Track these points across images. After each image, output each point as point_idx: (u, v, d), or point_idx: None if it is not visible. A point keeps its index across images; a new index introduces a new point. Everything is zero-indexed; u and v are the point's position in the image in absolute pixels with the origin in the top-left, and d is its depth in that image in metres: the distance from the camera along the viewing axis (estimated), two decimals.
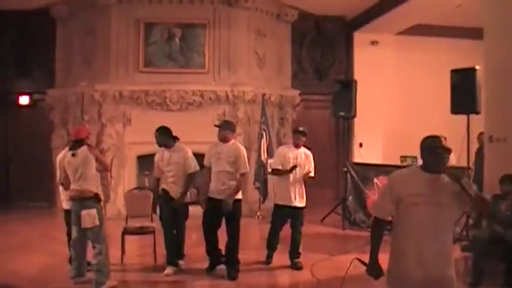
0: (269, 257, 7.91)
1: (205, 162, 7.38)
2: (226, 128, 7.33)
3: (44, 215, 11.56)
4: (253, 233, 10.42)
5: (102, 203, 6.90)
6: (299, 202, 7.82)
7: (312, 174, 7.93)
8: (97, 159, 6.76)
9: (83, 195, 6.58)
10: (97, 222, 6.56)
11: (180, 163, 7.49)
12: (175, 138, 7.68)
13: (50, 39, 13.29)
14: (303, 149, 7.95)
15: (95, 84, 11.99)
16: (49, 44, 13.27)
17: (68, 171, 6.72)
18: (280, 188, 7.92)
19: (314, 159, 8.00)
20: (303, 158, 7.87)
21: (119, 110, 12.14)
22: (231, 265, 7.23)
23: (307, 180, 7.93)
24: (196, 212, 7.55)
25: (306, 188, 7.97)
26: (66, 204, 7.30)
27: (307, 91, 14.00)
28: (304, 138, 7.93)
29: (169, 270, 7.36)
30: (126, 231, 7.95)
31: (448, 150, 3.87)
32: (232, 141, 7.34)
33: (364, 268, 4.08)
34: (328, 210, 11.45)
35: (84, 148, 6.71)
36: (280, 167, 7.82)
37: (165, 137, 7.60)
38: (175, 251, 7.50)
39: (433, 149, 3.87)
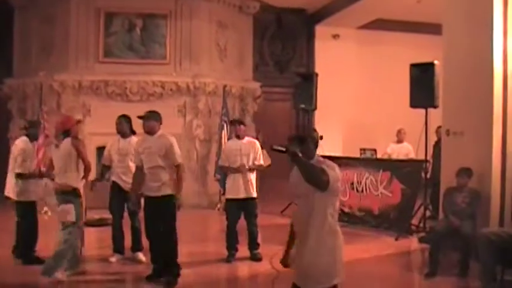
0: (231, 255, 7.65)
1: (136, 162, 6.78)
2: (151, 119, 6.67)
3: None
4: (213, 225, 10.35)
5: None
6: (248, 193, 7.63)
7: (261, 162, 7.76)
8: (79, 155, 6.47)
9: (62, 189, 6.43)
10: (73, 218, 6.38)
11: (133, 155, 7.43)
12: (133, 132, 7.66)
13: (8, 27, 12.97)
14: (246, 139, 7.79)
15: (53, 74, 11.80)
16: (6, 32, 12.95)
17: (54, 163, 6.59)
18: (228, 181, 7.81)
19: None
20: (247, 147, 7.68)
21: (79, 101, 11.97)
22: (168, 271, 6.56)
23: (261, 170, 7.81)
24: None
25: (257, 178, 7.87)
26: (14, 195, 7.20)
27: (268, 83, 14.05)
28: (242, 127, 7.78)
29: (113, 258, 7.44)
30: (85, 223, 7.86)
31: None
32: (160, 132, 6.66)
33: None
34: (289, 202, 11.47)
35: (68, 140, 6.43)
36: (226, 164, 7.72)
37: (127, 126, 7.59)
38: (120, 239, 7.52)
39: None
